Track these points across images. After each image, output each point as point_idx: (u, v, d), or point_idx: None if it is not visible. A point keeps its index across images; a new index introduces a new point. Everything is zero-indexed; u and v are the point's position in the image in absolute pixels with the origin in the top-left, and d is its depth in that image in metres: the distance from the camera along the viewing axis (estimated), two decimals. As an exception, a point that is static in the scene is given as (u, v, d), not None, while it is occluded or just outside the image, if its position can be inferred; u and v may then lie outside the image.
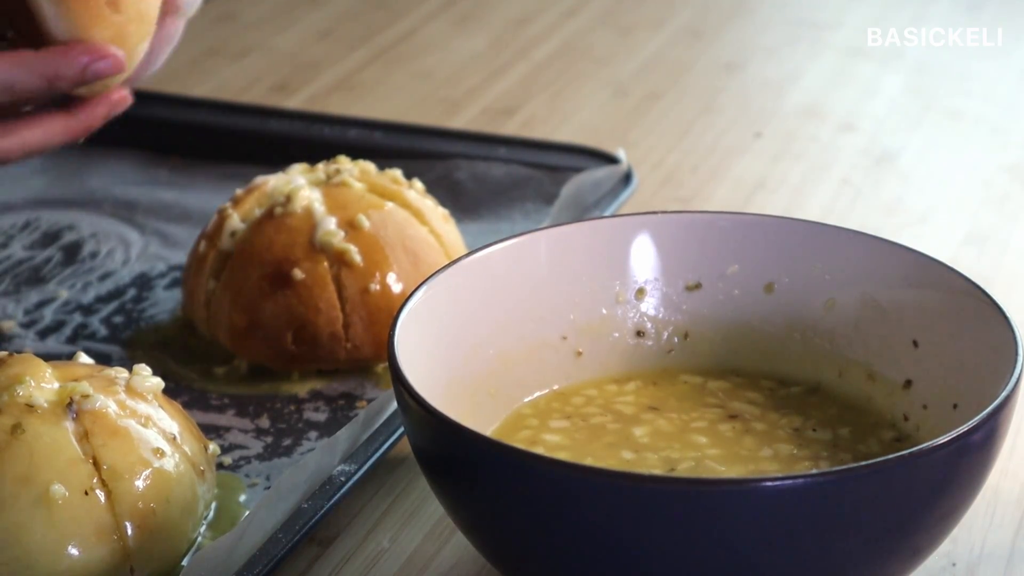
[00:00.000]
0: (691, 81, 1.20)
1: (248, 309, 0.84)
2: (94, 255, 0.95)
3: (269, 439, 0.79)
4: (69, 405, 0.69)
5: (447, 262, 0.79)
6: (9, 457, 0.67)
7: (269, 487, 0.72)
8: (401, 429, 0.75)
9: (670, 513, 0.59)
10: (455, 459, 0.63)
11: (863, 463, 0.60)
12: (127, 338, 0.87)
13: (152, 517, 0.68)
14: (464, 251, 0.85)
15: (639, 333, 0.76)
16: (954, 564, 0.70)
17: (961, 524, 0.65)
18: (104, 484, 0.67)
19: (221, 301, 0.85)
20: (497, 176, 1.00)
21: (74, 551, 0.66)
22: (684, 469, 0.68)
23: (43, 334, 0.88)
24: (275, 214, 0.85)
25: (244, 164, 1.03)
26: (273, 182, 0.88)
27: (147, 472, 0.68)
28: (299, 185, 0.86)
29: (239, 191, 0.88)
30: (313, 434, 0.79)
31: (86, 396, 0.69)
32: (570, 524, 0.60)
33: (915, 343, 0.71)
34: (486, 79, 1.20)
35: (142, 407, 0.70)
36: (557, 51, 1.24)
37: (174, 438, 0.70)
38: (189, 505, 0.70)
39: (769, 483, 0.58)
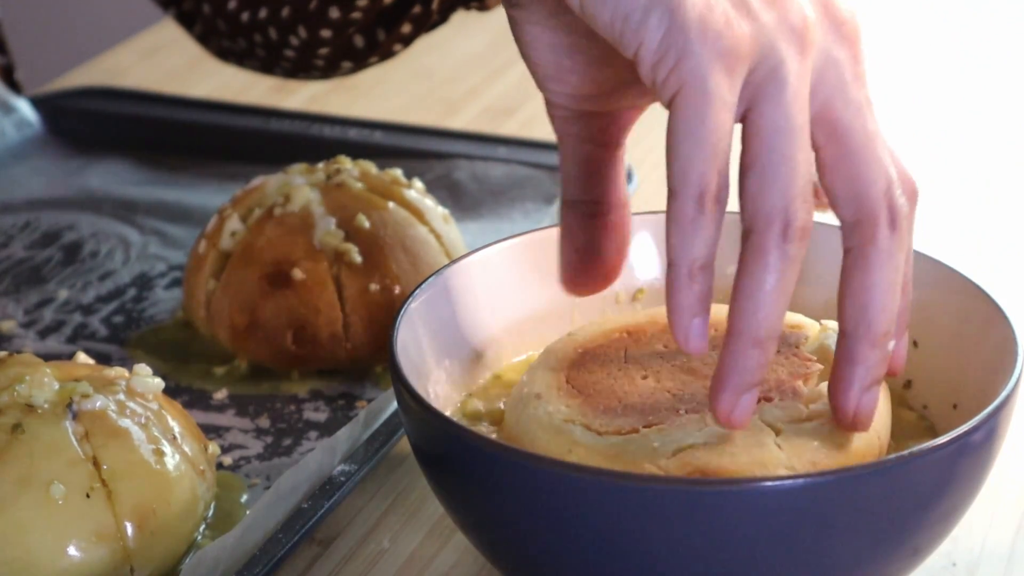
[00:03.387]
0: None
1: (248, 309, 0.84)
2: (94, 255, 0.95)
3: (269, 439, 0.79)
4: (69, 405, 0.69)
5: (447, 262, 0.79)
6: (9, 457, 0.67)
7: (269, 487, 0.72)
8: (401, 429, 0.75)
9: (670, 513, 0.59)
10: (455, 459, 0.63)
11: (863, 463, 0.60)
12: (127, 338, 0.87)
13: (152, 517, 0.68)
14: (464, 251, 0.85)
15: (639, 333, 0.76)
16: (954, 564, 0.70)
17: (961, 524, 0.65)
18: (104, 484, 0.67)
19: (221, 301, 0.85)
20: (497, 176, 1.00)
21: (74, 551, 0.66)
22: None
23: (43, 334, 0.88)
24: (275, 214, 0.85)
25: (244, 164, 1.03)
26: (273, 182, 0.88)
27: (147, 472, 0.68)
28: (299, 185, 0.86)
29: (239, 191, 0.88)
30: (313, 434, 0.79)
31: (86, 396, 0.69)
32: (570, 524, 0.60)
33: (915, 343, 0.71)
34: (486, 79, 1.20)
35: (142, 407, 0.70)
36: (557, 51, 1.24)
37: (174, 438, 0.70)
38: (189, 505, 0.70)
39: (769, 483, 0.58)
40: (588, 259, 0.69)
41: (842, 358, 0.62)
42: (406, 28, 0.95)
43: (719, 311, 0.63)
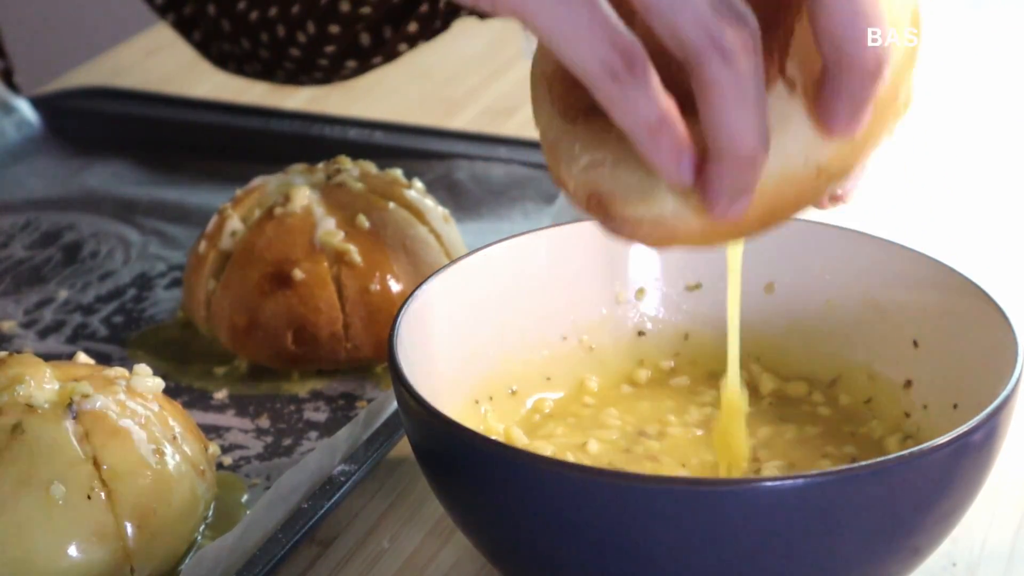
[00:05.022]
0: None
1: (248, 309, 0.84)
2: (94, 255, 0.95)
3: (269, 439, 0.79)
4: (69, 405, 0.69)
5: (447, 262, 0.79)
6: (9, 457, 0.67)
7: (269, 487, 0.72)
8: (401, 429, 0.75)
9: (670, 513, 0.59)
10: (455, 459, 0.63)
11: (863, 463, 0.60)
12: (127, 338, 0.87)
13: (152, 517, 0.68)
14: (464, 251, 0.85)
15: (640, 333, 0.76)
16: (954, 564, 0.70)
17: (961, 524, 0.65)
18: (104, 484, 0.67)
19: (221, 301, 0.85)
20: (497, 176, 1.00)
21: (74, 552, 0.66)
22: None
23: (43, 334, 0.88)
24: (275, 214, 0.85)
25: (244, 164, 1.03)
26: (273, 182, 0.88)
27: (147, 472, 0.68)
28: (299, 185, 0.87)
29: (239, 191, 0.88)
30: (313, 434, 0.79)
31: (86, 396, 0.69)
32: (570, 524, 0.60)
33: (915, 343, 0.71)
34: (486, 79, 1.20)
35: (142, 407, 0.70)
36: (557, 51, 1.24)
37: (174, 438, 0.70)
38: (189, 505, 0.70)
39: (769, 483, 0.58)
40: None
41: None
42: (412, 27, 0.94)
43: None
